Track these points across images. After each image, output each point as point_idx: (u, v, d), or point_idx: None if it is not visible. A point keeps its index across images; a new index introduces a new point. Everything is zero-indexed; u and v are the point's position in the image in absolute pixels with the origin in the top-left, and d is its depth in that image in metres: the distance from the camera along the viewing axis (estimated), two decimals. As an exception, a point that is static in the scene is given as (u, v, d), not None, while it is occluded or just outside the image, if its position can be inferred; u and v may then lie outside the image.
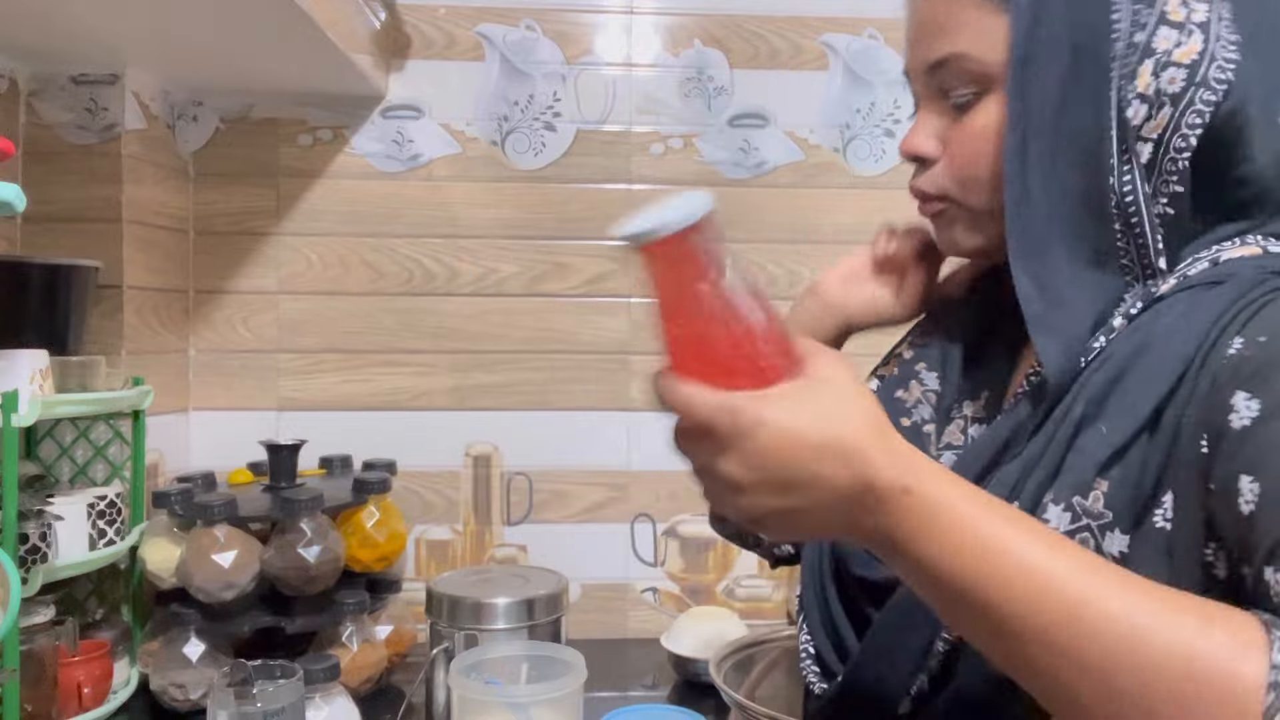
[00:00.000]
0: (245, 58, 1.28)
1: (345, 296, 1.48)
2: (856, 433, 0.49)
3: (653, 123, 1.51)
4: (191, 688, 1.15)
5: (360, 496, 1.28)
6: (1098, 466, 0.54)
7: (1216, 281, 0.56)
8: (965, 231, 0.66)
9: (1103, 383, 0.56)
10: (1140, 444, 0.54)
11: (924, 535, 0.48)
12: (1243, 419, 0.50)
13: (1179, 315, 0.55)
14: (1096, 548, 0.53)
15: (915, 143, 0.66)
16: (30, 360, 1.01)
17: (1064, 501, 0.55)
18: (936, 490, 0.48)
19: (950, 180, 0.65)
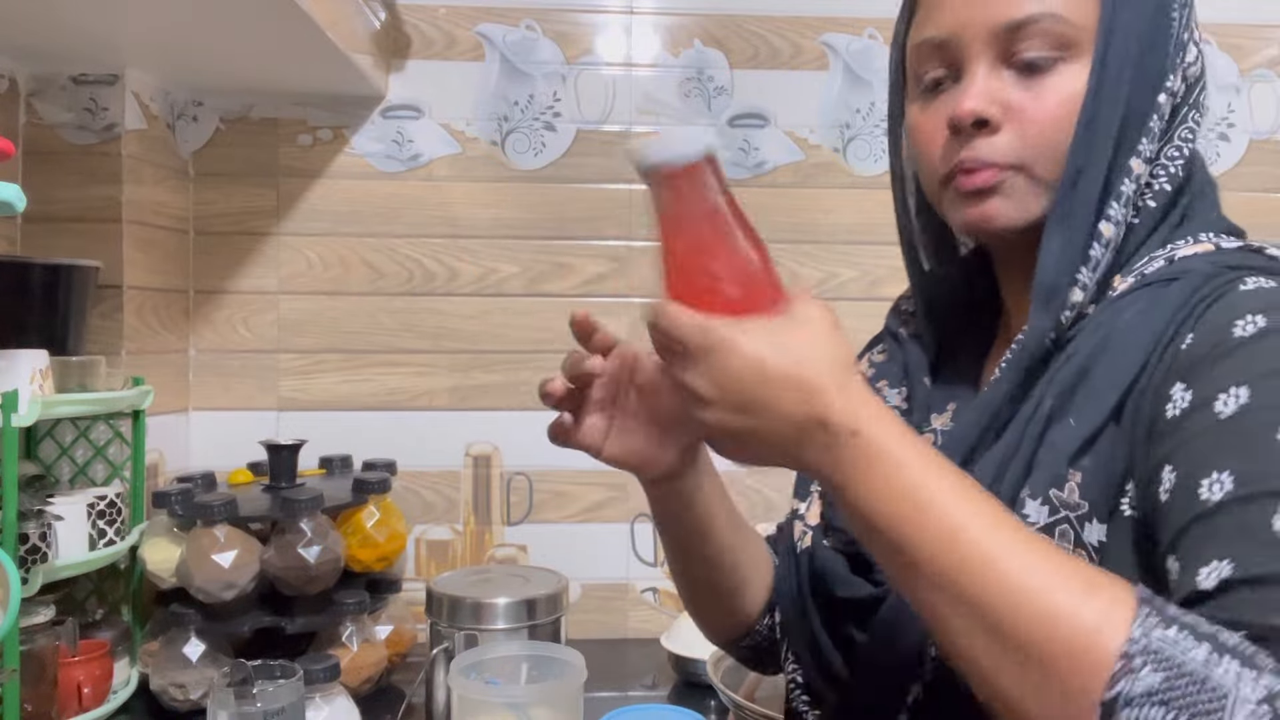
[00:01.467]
0: (245, 58, 1.28)
1: (345, 296, 1.48)
2: (820, 371, 0.52)
3: (653, 123, 1.51)
4: (191, 688, 1.15)
5: (360, 496, 1.28)
6: (1068, 458, 0.55)
7: (1173, 278, 0.57)
8: (1027, 202, 0.62)
9: (1069, 377, 0.57)
10: (1108, 433, 0.55)
11: (861, 476, 0.51)
12: (1175, 408, 0.52)
13: (1139, 312, 0.57)
14: (1076, 539, 0.54)
15: (977, 105, 0.61)
16: (30, 360, 1.01)
17: (1040, 495, 0.56)
18: (882, 436, 0.51)
19: (1025, 148, 0.61)
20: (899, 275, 1.62)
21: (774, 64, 1.52)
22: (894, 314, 0.80)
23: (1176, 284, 0.57)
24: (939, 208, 0.68)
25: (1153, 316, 0.56)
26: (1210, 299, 0.55)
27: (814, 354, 0.52)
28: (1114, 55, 0.60)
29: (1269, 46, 1.55)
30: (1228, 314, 0.53)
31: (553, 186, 1.50)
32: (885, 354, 0.78)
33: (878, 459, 0.50)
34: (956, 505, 0.49)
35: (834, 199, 1.52)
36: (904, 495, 0.49)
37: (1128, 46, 0.60)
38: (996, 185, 0.62)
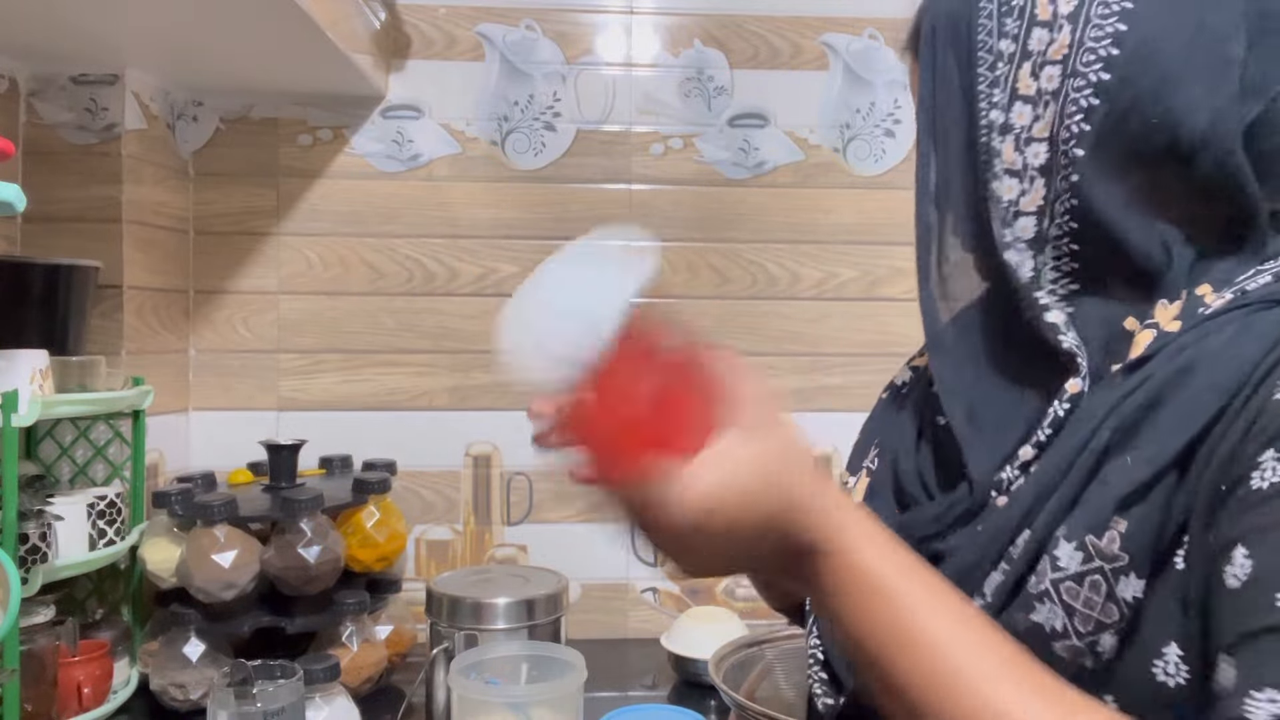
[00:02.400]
0: (245, 58, 1.28)
1: (345, 296, 1.48)
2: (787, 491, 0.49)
3: (653, 123, 1.51)
4: (191, 688, 1.15)
5: (360, 496, 1.28)
6: (1116, 503, 0.50)
7: (1277, 301, 0.50)
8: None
9: (1135, 409, 0.51)
10: (1167, 482, 0.49)
11: (845, 599, 0.49)
12: (1264, 480, 0.45)
13: (1228, 339, 0.50)
14: (1109, 592, 0.50)
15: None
16: (30, 360, 1.01)
17: (1076, 539, 0.51)
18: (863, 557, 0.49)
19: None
20: (899, 275, 1.63)
21: (774, 64, 1.52)
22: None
23: (1276, 310, 0.50)
24: None
25: (1241, 349, 0.49)
26: None
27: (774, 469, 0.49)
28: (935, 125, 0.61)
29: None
30: None
31: (553, 186, 1.50)
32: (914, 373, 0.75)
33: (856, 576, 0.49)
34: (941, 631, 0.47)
35: (834, 199, 1.53)
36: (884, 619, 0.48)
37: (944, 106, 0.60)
38: None
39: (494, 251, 1.49)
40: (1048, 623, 0.51)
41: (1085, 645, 0.50)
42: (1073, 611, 0.50)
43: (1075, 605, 0.50)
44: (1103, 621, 0.50)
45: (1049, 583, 0.51)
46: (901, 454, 0.66)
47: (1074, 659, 0.51)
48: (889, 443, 0.68)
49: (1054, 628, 0.51)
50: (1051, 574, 0.51)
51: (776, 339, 1.52)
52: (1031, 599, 0.52)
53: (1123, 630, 0.49)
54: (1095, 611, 0.50)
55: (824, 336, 1.52)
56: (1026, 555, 0.52)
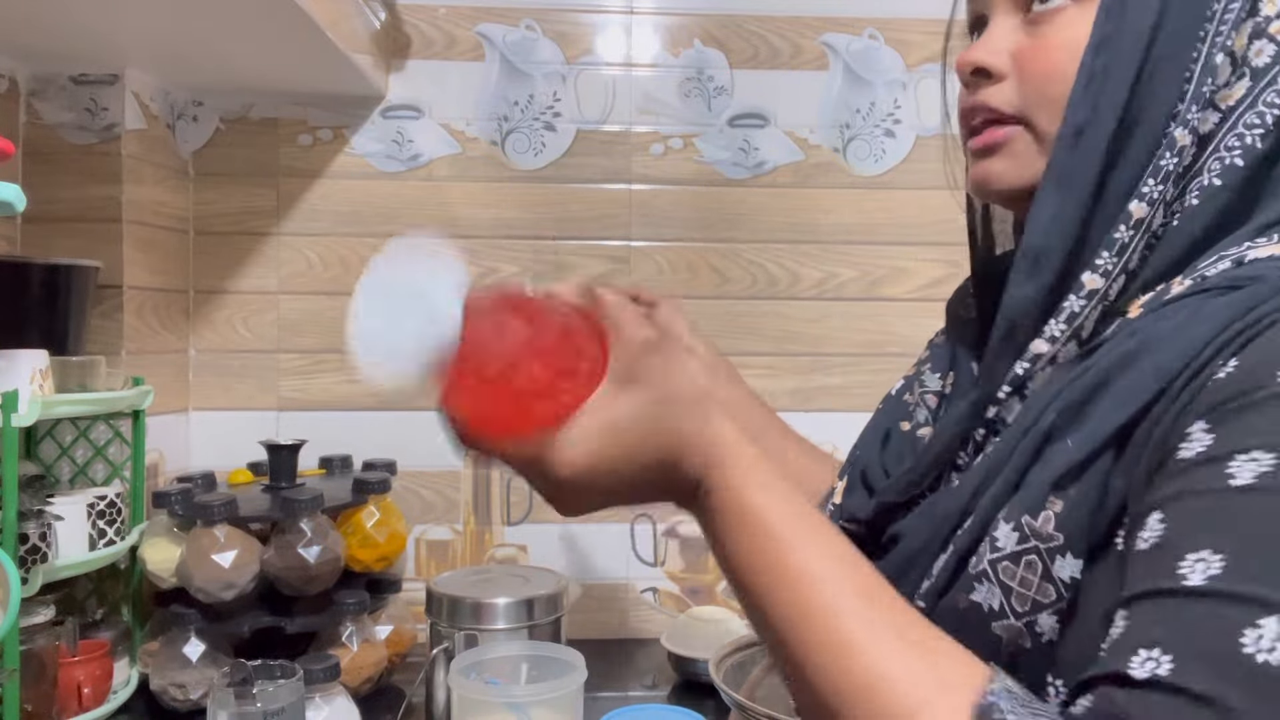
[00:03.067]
0: (245, 58, 1.28)
1: (345, 296, 1.47)
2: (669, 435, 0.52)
3: (653, 123, 1.51)
4: (191, 688, 1.15)
5: (360, 496, 1.28)
6: (1051, 483, 0.50)
7: (1233, 286, 0.49)
8: (1030, 163, 0.58)
9: (1082, 390, 0.51)
10: (1103, 462, 0.49)
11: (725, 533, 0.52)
12: (1190, 450, 0.45)
13: (1178, 324, 0.49)
14: (1045, 571, 0.50)
15: (981, 54, 0.58)
16: (30, 360, 1.01)
17: (1014, 520, 0.51)
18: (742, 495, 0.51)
19: (1025, 99, 0.57)
20: (899, 275, 1.63)
21: (774, 64, 1.52)
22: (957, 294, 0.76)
23: (1232, 295, 0.49)
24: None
25: (1190, 332, 0.48)
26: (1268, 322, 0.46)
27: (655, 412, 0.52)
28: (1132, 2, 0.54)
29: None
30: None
31: (553, 186, 1.50)
32: (943, 337, 0.74)
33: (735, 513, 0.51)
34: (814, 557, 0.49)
35: (834, 199, 1.52)
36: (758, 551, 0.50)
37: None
38: (1000, 144, 0.58)
39: (494, 251, 1.49)
40: (985, 602, 0.52)
41: (1023, 625, 0.51)
42: (1010, 591, 0.51)
43: (1012, 585, 0.51)
44: (1039, 601, 0.50)
45: (987, 563, 0.52)
46: (869, 454, 0.69)
47: (1013, 639, 0.51)
48: (861, 446, 0.71)
49: (991, 607, 0.52)
50: (990, 554, 0.52)
51: (776, 339, 1.52)
52: (971, 579, 0.53)
53: (1061, 610, 0.50)
54: (1031, 591, 0.50)
55: (824, 336, 1.52)
56: (969, 536, 0.53)
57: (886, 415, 0.71)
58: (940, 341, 0.73)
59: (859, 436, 0.73)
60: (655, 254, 1.51)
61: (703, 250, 1.51)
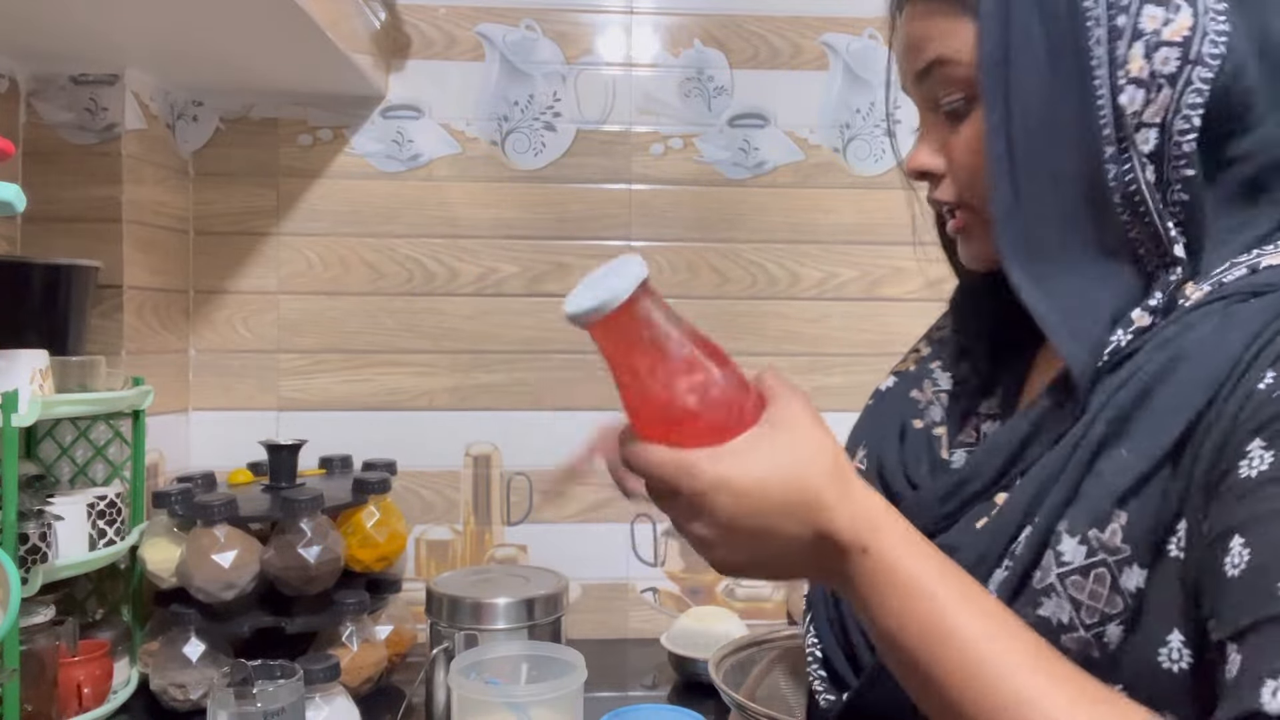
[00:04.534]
0: (245, 58, 1.28)
1: (345, 296, 1.48)
2: (818, 486, 0.51)
3: (653, 123, 1.51)
4: (191, 688, 1.15)
5: (360, 496, 1.28)
6: (1116, 497, 0.51)
7: (1255, 293, 0.52)
8: (988, 240, 0.60)
9: (1127, 401, 0.52)
10: (1163, 474, 0.50)
11: (877, 596, 0.50)
12: (1252, 468, 0.46)
13: (1211, 331, 0.51)
14: (1113, 583, 0.51)
15: (918, 159, 0.64)
16: (30, 360, 1.01)
17: (1079, 534, 0.52)
18: (893, 553, 0.50)
19: (960, 191, 0.61)
20: (899, 275, 1.63)
21: (774, 64, 1.52)
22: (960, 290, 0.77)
23: (1258, 302, 0.51)
24: None
25: (1226, 339, 0.50)
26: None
27: (806, 465, 0.51)
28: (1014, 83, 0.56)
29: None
30: None
31: (553, 186, 1.50)
32: (943, 330, 0.75)
33: (890, 579, 0.50)
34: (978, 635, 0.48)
35: (834, 199, 1.53)
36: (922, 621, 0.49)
37: (1026, 68, 0.55)
38: (961, 230, 0.63)
39: (494, 251, 1.49)
40: (1054, 616, 0.52)
41: (1092, 636, 0.51)
42: (1079, 604, 0.51)
43: (1081, 598, 0.51)
44: (1108, 613, 0.51)
45: (1055, 577, 0.52)
46: (886, 451, 0.68)
47: (1081, 650, 0.51)
48: (874, 442, 0.70)
49: (1060, 621, 0.52)
50: (1057, 568, 0.52)
51: (776, 339, 1.52)
52: (1037, 594, 0.52)
53: (1127, 620, 0.50)
54: (1100, 603, 0.51)
55: (824, 336, 1.52)
56: (1030, 550, 0.53)
57: (897, 410, 0.71)
58: (944, 338, 0.73)
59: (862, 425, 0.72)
60: (655, 254, 1.51)
61: (703, 250, 1.51)
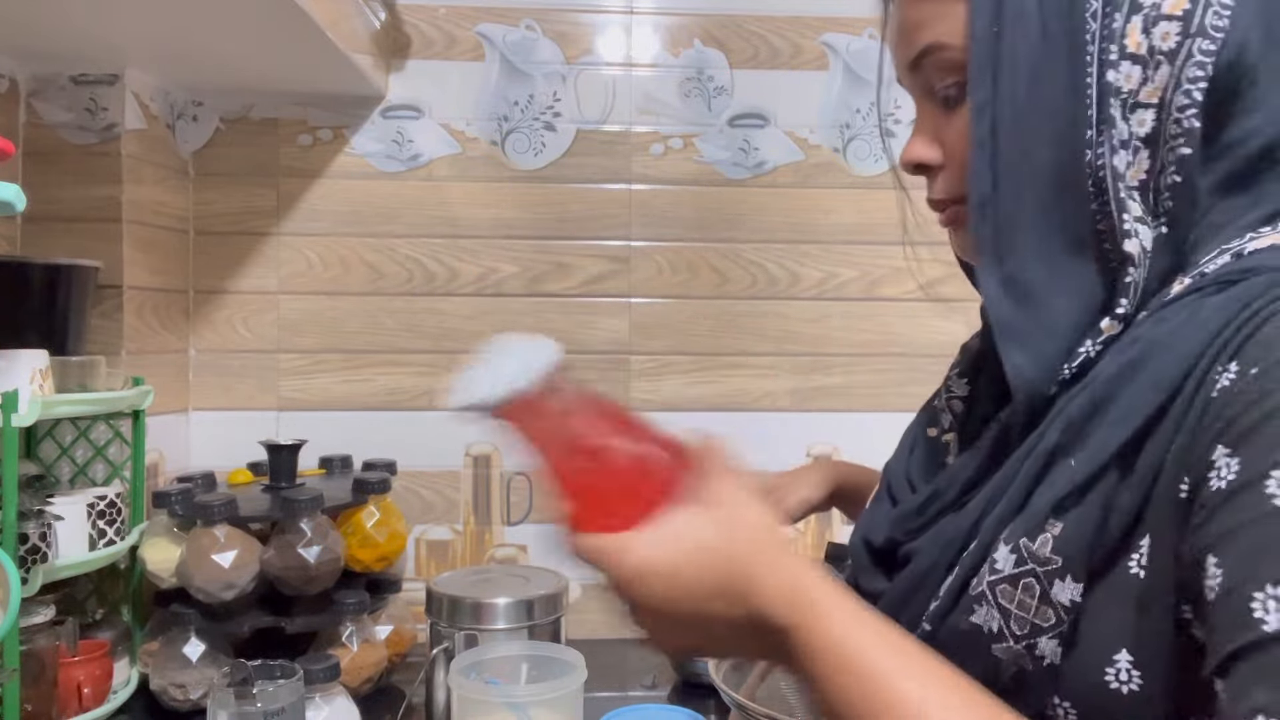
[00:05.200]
0: (245, 58, 1.28)
1: (345, 296, 1.48)
2: (743, 566, 0.50)
3: (653, 123, 1.51)
4: (191, 688, 1.15)
5: (360, 496, 1.28)
6: (1052, 506, 0.49)
7: (1232, 280, 0.48)
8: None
9: (1084, 406, 0.50)
10: (1106, 482, 0.48)
11: (816, 672, 0.48)
12: (1221, 479, 0.43)
13: (1176, 326, 0.48)
14: (1042, 594, 0.49)
15: (913, 151, 0.60)
16: (30, 360, 1.01)
17: (1012, 542, 0.51)
18: (828, 630, 0.48)
19: (957, 184, 0.58)
20: (899, 275, 1.63)
21: (774, 64, 1.52)
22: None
23: (1228, 292, 0.48)
24: None
25: (1188, 335, 0.47)
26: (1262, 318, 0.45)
27: (730, 544, 0.50)
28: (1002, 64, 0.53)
29: None
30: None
31: (553, 186, 1.50)
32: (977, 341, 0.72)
33: (825, 652, 0.48)
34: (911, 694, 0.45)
35: (834, 199, 1.53)
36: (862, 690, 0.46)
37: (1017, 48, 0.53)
38: (955, 223, 0.60)
39: (494, 251, 1.49)
40: (985, 624, 0.52)
41: (1023, 648, 0.50)
42: (1008, 614, 0.51)
43: (1010, 607, 0.50)
44: (1038, 625, 0.50)
45: (986, 585, 0.51)
46: (896, 461, 0.68)
47: (1013, 661, 0.51)
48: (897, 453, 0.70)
49: (991, 629, 0.51)
50: (989, 576, 0.51)
51: (776, 339, 1.52)
52: (971, 600, 0.52)
53: (1062, 633, 0.49)
54: (1029, 614, 0.50)
55: (824, 336, 1.52)
56: (973, 558, 0.53)
57: (919, 421, 0.70)
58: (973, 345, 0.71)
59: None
60: (655, 254, 1.51)
61: (703, 250, 1.51)
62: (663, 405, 1.51)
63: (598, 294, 1.51)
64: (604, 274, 1.50)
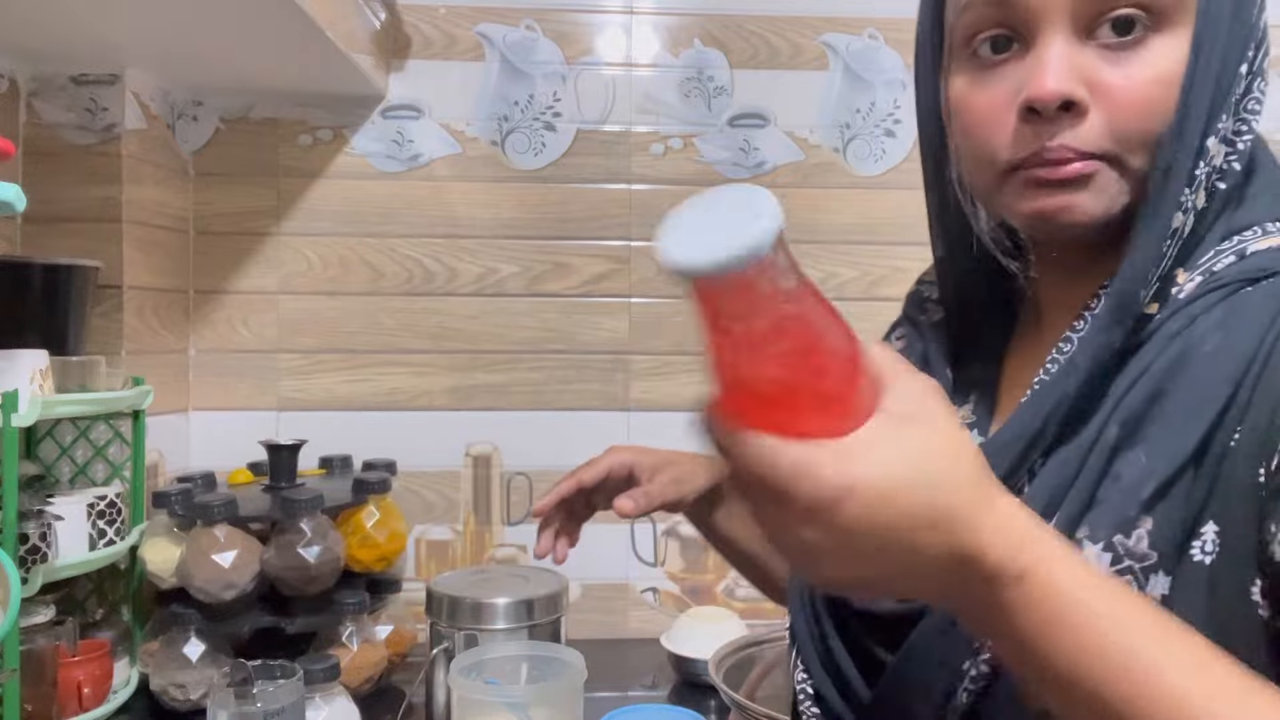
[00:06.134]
0: (245, 58, 1.28)
1: (345, 296, 1.48)
2: (956, 494, 0.42)
3: (653, 123, 1.51)
4: (191, 688, 1.15)
5: (360, 496, 1.28)
6: (1142, 503, 0.49)
7: (1251, 279, 0.50)
8: (1113, 197, 0.53)
9: (1139, 402, 0.50)
10: (1187, 476, 0.48)
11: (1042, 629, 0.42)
12: None
13: (1217, 324, 0.50)
14: (1138, 590, 0.48)
15: (1068, 85, 0.51)
16: (30, 360, 1.01)
17: (1103, 540, 0.49)
18: (1057, 578, 0.42)
19: (1116, 136, 0.52)
20: (899, 275, 1.63)
21: (774, 64, 1.52)
22: (913, 300, 0.73)
23: (1259, 289, 0.50)
24: (991, 196, 0.58)
25: (1235, 335, 0.49)
26: None
27: (939, 467, 0.42)
28: (1212, 23, 0.51)
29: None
30: None
31: (553, 186, 1.50)
32: (904, 340, 0.71)
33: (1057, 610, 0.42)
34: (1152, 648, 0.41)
35: (834, 199, 1.52)
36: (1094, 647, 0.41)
37: (1223, 10, 0.52)
38: (1086, 178, 0.53)
39: (494, 251, 1.49)
40: None
41: None
42: None
43: None
44: None
45: None
46: None
47: None
48: None
49: None
50: None
51: (776, 339, 1.52)
52: None
53: None
54: None
55: (824, 336, 1.52)
56: None
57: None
58: (902, 348, 0.70)
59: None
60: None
61: (703, 250, 1.51)
62: (663, 405, 1.51)
63: (598, 294, 1.51)
64: (604, 274, 1.50)
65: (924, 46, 0.61)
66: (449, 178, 1.49)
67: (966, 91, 0.57)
